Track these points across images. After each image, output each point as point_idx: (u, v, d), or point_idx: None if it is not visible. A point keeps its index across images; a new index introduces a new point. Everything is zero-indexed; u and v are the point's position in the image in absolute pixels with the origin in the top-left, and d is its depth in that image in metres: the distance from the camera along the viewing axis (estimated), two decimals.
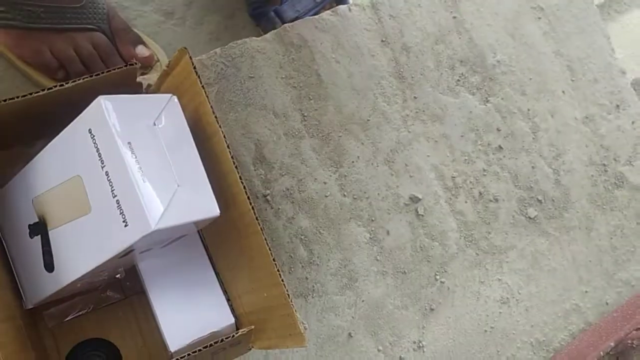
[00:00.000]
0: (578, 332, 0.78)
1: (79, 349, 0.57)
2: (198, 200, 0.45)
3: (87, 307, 0.58)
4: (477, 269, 0.76)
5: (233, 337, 0.46)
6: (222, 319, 0.55)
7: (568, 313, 0.79)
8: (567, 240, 0.81)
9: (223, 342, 0.45)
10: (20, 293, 0.53)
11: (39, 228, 0.49)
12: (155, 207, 0.40)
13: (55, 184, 0.46)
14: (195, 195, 0.45)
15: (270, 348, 0.53)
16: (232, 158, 0.47)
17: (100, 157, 0.41)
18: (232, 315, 0.56)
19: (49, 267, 0.49)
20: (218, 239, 0.56)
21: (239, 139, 0.69)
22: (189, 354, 0.44)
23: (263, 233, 0.47)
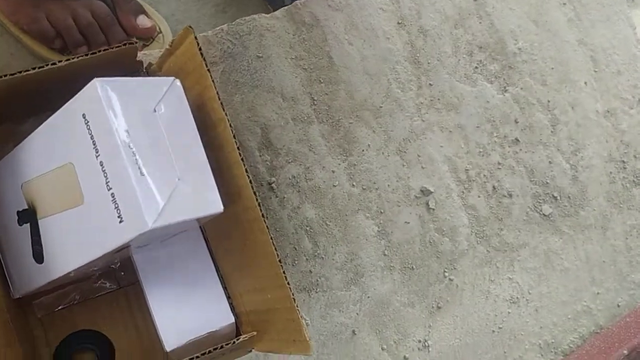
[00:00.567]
0: (588, 334, 0.76)
1: (69, 342, 0.54)
2: (200, 195, 0.41)
3: (78, 296, 0.55)
4: (487, 267, 0.72)
5: (234, 343, 0.43)
6: (221, 318, 0.52)
7: (578, 315, 0.76)
8: (581, 239, 0.77)
9: (223, 348, 0.42)
10: (8, 282, 0.49)
11: (28, 216, 0.45)
12: (153, 203, 0.37)
13: (46, 170, 0.43)
14: (198, 190, 0.41)
15: (272, 352, 0.50)
16: (238, 149, 0.43)
17: (95, 145, 0.37)
18: (232, 314, 0.53)
19: (39, 257, 0.45)
20: (220, 234, 0.53)
21: (245, 123, 0.65)
22: None
23: (269, 232, 0.43)
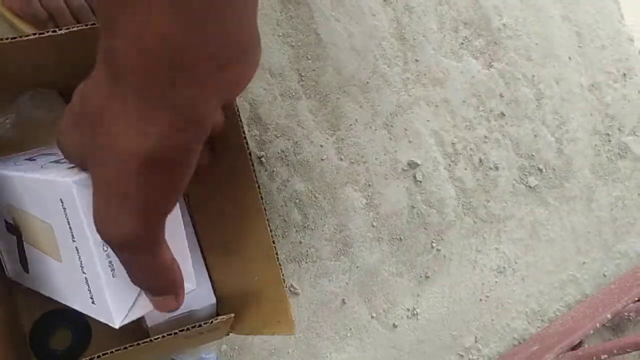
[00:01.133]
0: (574, 303, 0.77)
1: (44, 322, 0.53)
2: None
3: None
4: (474, 238, 0.74)
5: (212, 323, 0.43)
6: (203, 298, 0.52)
7: (565, 284, 0.78)
8: (566, 211, 0.79)
9: (201, 327, 0.42)
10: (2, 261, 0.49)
11: (15, 231, 0.44)
12: (122, 305, 0.36)
13: (31, 214, 0.41)
14: None
15: (252, 334, 0.50)
16: (245, 142, 0.43)
17: (71, 231, 0.36)
18: (214, 296, 0.54)
19: (25, 268, 0.45)
20: (212, 218, 0.52)
21: None
22: (163, 336, 0.41)
23: (265, 212, 0.43)
